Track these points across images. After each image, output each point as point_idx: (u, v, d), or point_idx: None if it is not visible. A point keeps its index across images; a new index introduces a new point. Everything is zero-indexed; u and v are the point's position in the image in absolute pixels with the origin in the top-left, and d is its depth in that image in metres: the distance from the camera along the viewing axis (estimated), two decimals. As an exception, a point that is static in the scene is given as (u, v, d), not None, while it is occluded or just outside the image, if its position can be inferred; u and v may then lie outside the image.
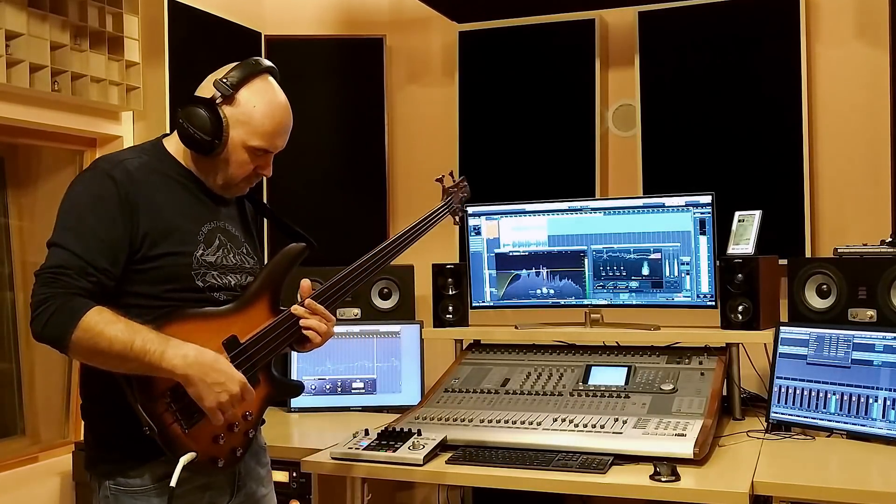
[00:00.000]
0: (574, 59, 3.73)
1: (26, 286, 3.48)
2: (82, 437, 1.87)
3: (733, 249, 3.06)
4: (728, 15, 3.48)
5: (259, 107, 1.88)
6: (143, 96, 3.44)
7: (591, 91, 3.71)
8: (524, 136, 3.82)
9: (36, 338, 1.69)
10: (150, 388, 1.73)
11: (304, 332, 1.94)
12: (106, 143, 3.50)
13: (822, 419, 2.69)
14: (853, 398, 2.64)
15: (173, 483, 1.72)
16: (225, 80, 1.87)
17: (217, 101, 1.86)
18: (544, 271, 3.33)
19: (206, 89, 1.90)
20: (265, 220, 2.20)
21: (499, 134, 3.87)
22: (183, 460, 1.73)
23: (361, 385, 3.40)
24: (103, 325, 1.66)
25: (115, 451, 1.82)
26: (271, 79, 1.94)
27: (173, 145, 1.93)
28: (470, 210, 3.42)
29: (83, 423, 1.90)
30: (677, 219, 3.13)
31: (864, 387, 2.63)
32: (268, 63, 1.94)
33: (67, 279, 1.68)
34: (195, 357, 1.72)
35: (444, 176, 2.53)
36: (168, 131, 2.05)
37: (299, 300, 1.97)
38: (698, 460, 2.40)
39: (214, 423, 1.77)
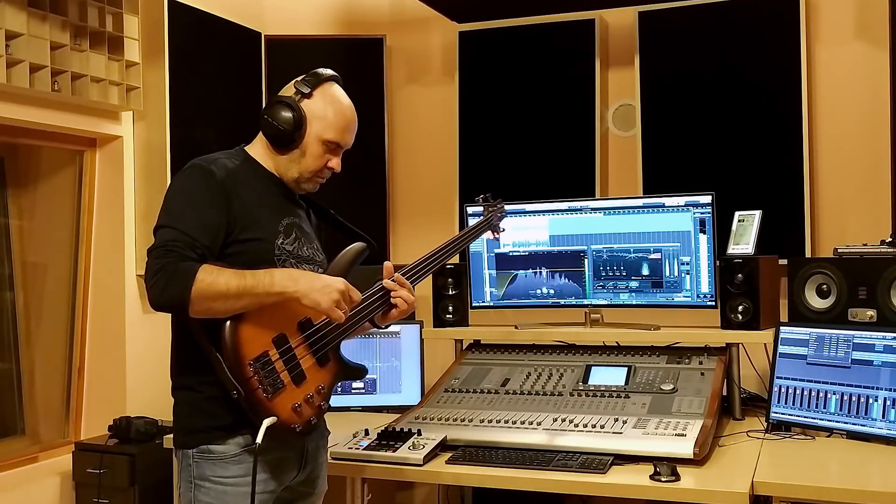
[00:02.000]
0: (574, 59, 3.74)
1: (26, 286, 3.49)
2: (172, 411, 2.09)
3: (733, 249, 3.06)
4: (728, 15, 3.48)
5: (333, 104, 2.13)
6: (143, 96, 3.44)
7: (591, 91, 3.71)
8: (524, 136, 3.82)
9: (155, 305, 1.89)
10: (237, 357, 1.91)
11: (394, 300, 2.17)
12: (106, 143, 3.51)
13: (822, 419, 2.69)
14: (853, 398, 2.64)
15: (259, 440, 1.89)
16: (304, 81, 2.11)
17: (297, 99, 2.09)
18: (544, 271, 3.33)
19: (286, 90, 2.14)
20: (328, 225, 2.41)
21: (499, 134, 3.87)
22: (266, 422, 1.91)
23: (361, 385, 3.40)
24: (216, 273, 1.88)
25: (201, 422, 2.00)
26: (337, 85, 2.17)
27: (255, 150, 2.15)
28: (470, 210, 3.42)
29: (174, 401, 2.08)
30: (677, 219, 3.13)
31: (864, 387, 2.63)
32: (332, 72, 2.17)
33: (178, 251, 1.89)
34: (299, 274, 1.98)
35: (482, 196, 2.80)
36: (169, 133, 2.07)
37: (385, 278, 2.20)
38: (698, 460, 2.40)
39: (336, 320, 1.97)
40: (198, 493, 2.00)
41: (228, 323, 1.91)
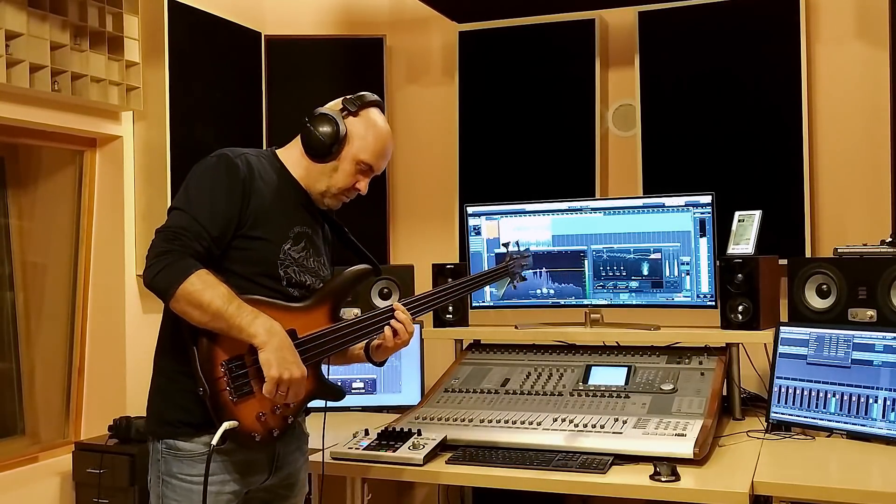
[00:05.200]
0: (574, 59, 3.74)
1: (26, 286, 3.48)
2: (147, 402, 2.10)
3: (733, 249, 3.06)
4: (728, 15, 3.48)
5: (374, 128, 2.15)
6: (143, 96, 3.44)
7: (591, 91, 3.71)
8: (524, 136, 3.82)
9: (145, 284, 1.92)
10: (211, 354, 1.92)
11: (395, 326, 2.16)
12: (106, 143, 3.51)
13: (822, 419, 2.69)
14: (853, 398, 2.64)
15: (213, 442, 1.89)
16: (352, 100, 2.14)
17: (343, 115, 2.13)
18: (544, 271, 3.33)
19: (332, 105, 2.17)
20: (340, 242, 2.41)
21: (499, 134, 3.87)
22: (226, 425, 1.90)
23: (361, 385, 3.40)
24: (209, 284, 1.89)
25: (172, 414, 2.01)
26: (379, 110, 2.19)
27: (287, 156, 2.17)
28: (470, 210, 3.42)
29: (151, 383, 2.10)
30: (677, 219, 3.13)
31: (864, 387, 2.64)
32: (377, 97, 2.19)
33: (185, 239, 1.91)
34: (279, 330, 1.95)
35: (510, 243, 2.74)
36: (169, 133, 2.07)
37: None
38: (698, 460, 2.41)
39: (267, 393, 1.93)
40: (165, 490, 2.02)
41: None
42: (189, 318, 1.91)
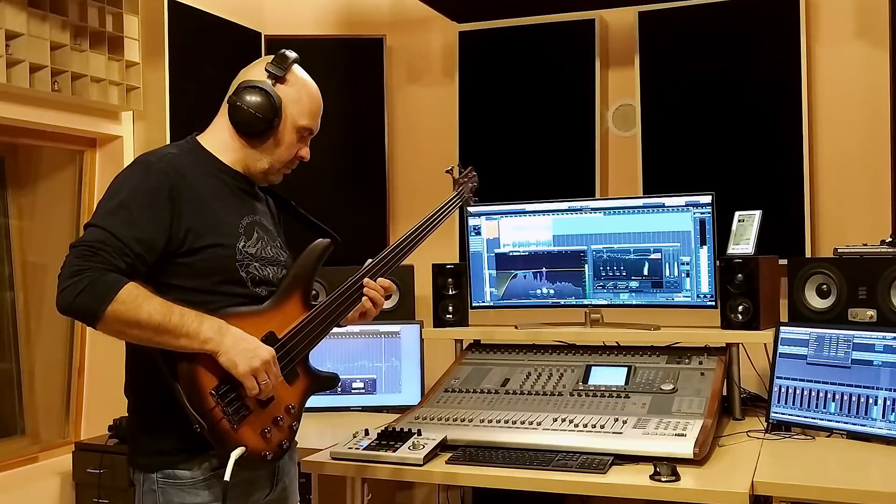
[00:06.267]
0: (574, 59, 3.74)
1: (26, 286, 3.48)
2: (127, 432, 1.96)
3: (733, 249, 3.06)
4: (728, 15, 3.48)
5: (305, 88, 1.99)
6: (143, 96, 3.44)
7: (591, 91, 3.71)
8: (524, 136, 3.82)
9: (62, 309, 1.70)
10: (197, 386, 1.77)
11: (369, 293, 2.05)
12: (106, 143, 3.51)
13: (822, 419, 2.69)
14: (853, 398, 2.64)
15: (227, 477, 1.76)
16: (276, 64, 1.95)
17: (272, 83, 1.93)
18: (544, 271, 3.33)
19: (255, 73, 1.96)
20: (289, 217, 2.24)
21: (499, 134, 3.87)
22: (235, 454, 1.78)
23: (361, 385, 3.40)
24: (143, 298, 1.71)
25: (165, 443, 1.85)
26: (300, 66, 2.03)
27: (211, 141, 1.98)
28: (470, 210, 3.42)
29: (130, 418, 1.93)
30: (677, 219, 3.13)
31: (864, 387, 2.63)
32: (295, 54, 2.00)
33: (105, 255, 1.71)
34: (227, 327, 1.79)
35: (453, 167, 2.65)
36: (169, 133, 2.05)
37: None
38: (698, 460, 2.40)
39: (250, 391, 1.80)
40: None
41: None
42: (124, 338, 1.76)
